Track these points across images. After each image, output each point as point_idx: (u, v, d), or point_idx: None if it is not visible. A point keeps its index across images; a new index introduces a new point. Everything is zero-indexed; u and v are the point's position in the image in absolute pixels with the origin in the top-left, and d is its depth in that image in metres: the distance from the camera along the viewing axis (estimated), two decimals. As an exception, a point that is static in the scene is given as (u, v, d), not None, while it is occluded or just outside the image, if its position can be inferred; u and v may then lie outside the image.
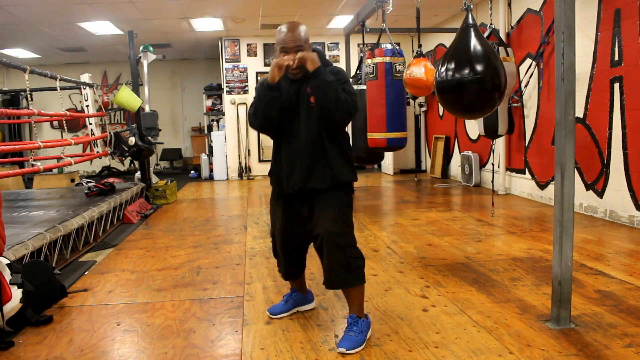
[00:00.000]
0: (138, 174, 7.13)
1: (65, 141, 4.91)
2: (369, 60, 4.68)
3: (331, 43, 9.32)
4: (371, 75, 4.65)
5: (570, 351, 2.15)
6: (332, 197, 2.31)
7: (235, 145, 9.31)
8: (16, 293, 2.44)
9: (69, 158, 4.71)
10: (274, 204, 2.51)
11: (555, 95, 2.36)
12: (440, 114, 8.56)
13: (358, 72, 5.28)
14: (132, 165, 10.92)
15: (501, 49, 4.26)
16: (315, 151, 2.30)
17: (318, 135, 2.30)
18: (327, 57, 2.42)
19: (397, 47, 4.72)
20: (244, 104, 9.20)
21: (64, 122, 10.82)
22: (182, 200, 6.97)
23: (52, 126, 11.36)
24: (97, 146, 5.86)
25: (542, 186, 5.71)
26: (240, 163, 9.36)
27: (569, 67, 2.30)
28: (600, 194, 4.73)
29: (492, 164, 5.52)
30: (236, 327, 2.52)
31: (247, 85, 9.22)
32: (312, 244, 2.44)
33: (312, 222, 2.33)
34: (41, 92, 6.53)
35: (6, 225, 2.70)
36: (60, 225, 3.66)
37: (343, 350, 2.18)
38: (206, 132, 10.53)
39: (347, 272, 2.25)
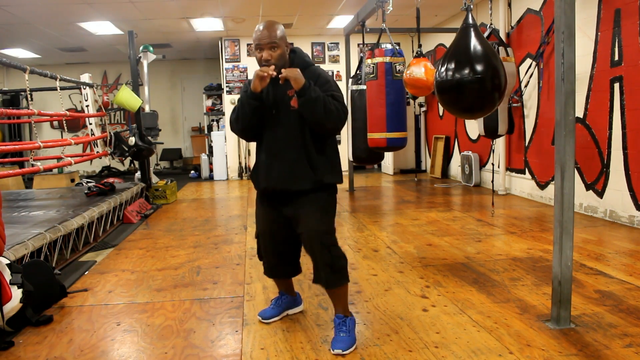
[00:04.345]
0: (138, 174, 7.13)
1: (65, 141, 4.91)
2: (369, 60, 4.68)
3: (331, 43, 9.31)
4: (371, 75, 4.64)
5: (570, 351, 2.15)
6: (315, 197, 2.30)
7: (235, 145, 9.31)
8: (16, 293, 2.44)
9: (69, 158, 4.71)
10: (257, 204, 2.51)
11: (555, 95, 2.36)
12: (440, 114, 8.56)
13: (358, 72, 5.27)
14: (132, 165, 10.92)
15: (501, 49, 4.26)
16: (295, 153, 2.29)
17: (299, 138, 2.29)
18: (307, 58, 2.39)
19: (397, 47, 4.72)
20: (244, 104, 9.19)
21: (64, 122, 10.82)
22: (182, 200, 6.97)
23: (52, 126, 11.36)
24: (97, 146, 5.86)
25: (542, 186, 5.71)
26: (240, 163, 9.36)
27: (569, 67, 2.30)
28: (600, 194, 4.73)
29: (492, 164, 5.52)
30: (236, 327, 2.52)
31: (247, 85, 9.21)
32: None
33: (296, 221, 2.32)
34: (41, 92, 6.53)
35: (6, 225, 2.70)
36: (60, 225, 3.66)
37: (339, 351, 2.17)
38: (206, 132, 10.53)
39: (332, 272, 2.25)
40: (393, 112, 4.57)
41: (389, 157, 8.94)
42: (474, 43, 2.91)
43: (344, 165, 7.27)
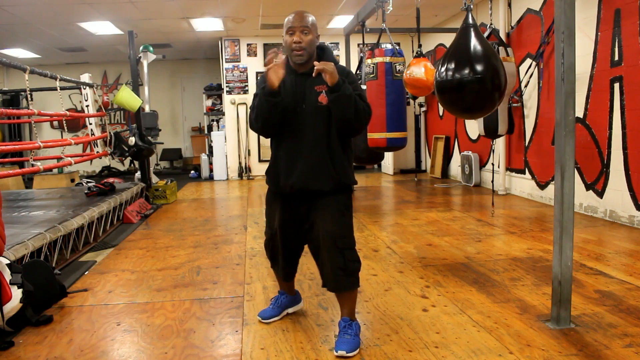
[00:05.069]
0: (138, 174, 7.13)
1: (65, 141, 4.90)
2: (369, 60, 4.68)
3: (331, 43, 9.31)
4: (371, 75, 4.64)
5: (570, 351, 2.15)
6: (334, 198, 2.26)
7: (235, 145, 9.31)
8: (16, 293, 2.44)
9: (69, 158, 4.71)
10: (270, 203, 2.43)
11: (555, 95, 2.36)
12: (440, 114, 8.56)
13: (358, 72, 5.28)
14: (132, 165, 10.92)
15: (501, 49, 4.26)
16: (319, 152, 2.22)
17: (324, 136, 2.22)
18: (333, 54, 2.35)
19: (397, 47, 4.72)
20: (244, 104, 9.21)
21: (64, 122, 10.82)
22: (182, 200, 6.97)
23: (52, 126, 11.36)
24: (97, 146, 5.86)
25: (542, 186, 5.71)
26: (240, 163, 9.36)
27: (569, 67, 2.30)
28: (600, 194, 4.73)
29: (492, 164, 5.52)
30: (236, 327, 2.52)
31: (247, 85, 9.22)
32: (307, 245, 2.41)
33: (310, 223, 2.29)
34: (41, 92, 6.53)
35: (6, 225, 2.70)
36: (60, 225, 3.66)
37: (343, 353, 2.15)
38: (206, 132, 10.53)
39: (345, 276, 2.22)
40: (393, 112, 4.58)
41: (389, 157, 8.94)
42: (474, 43, 2.91)
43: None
